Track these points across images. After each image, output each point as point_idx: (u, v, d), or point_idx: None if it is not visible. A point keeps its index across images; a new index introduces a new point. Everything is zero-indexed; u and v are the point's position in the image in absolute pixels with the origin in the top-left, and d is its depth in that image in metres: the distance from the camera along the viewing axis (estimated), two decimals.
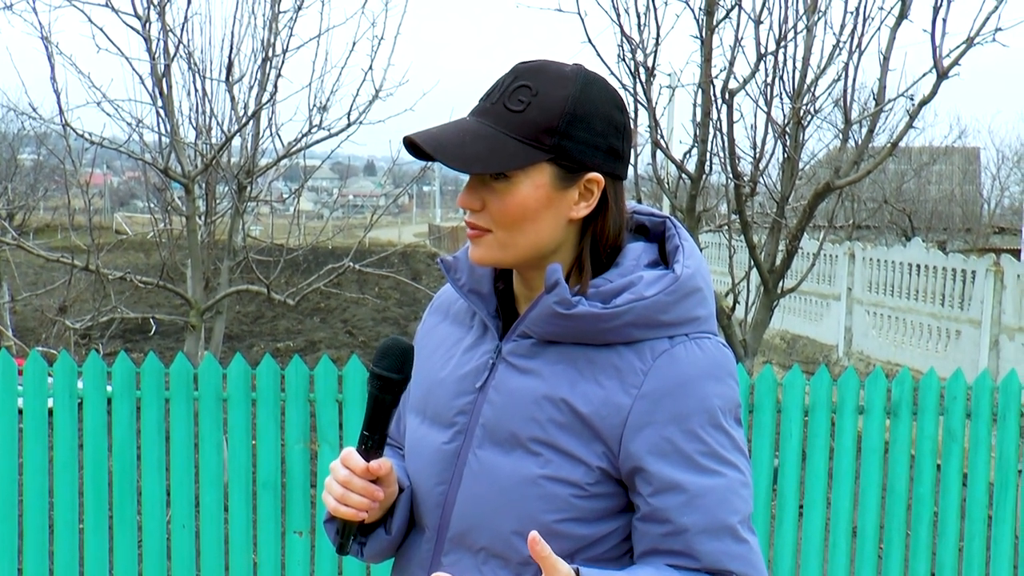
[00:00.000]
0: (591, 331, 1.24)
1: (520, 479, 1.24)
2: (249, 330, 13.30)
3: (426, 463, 1.34)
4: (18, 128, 13.90)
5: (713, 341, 1.27)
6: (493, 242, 1.26)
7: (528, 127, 1.21)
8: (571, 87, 1.23)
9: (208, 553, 4.06)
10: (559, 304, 1.23)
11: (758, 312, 5.88)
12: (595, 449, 1.23)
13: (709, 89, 5.24)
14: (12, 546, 4.01)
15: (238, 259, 6.58)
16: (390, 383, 1.27)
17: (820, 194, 5.49)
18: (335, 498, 1.28)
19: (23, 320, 11.65)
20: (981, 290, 10.39)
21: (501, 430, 1.27)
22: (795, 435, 4.12)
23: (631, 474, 1.24)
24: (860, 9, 5.20)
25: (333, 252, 12.83)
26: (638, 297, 1.23)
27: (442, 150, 1.21)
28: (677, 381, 1.22)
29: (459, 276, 1.35)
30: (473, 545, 1.28)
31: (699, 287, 1.28)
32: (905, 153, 17.37)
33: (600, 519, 1.26)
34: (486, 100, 1.25)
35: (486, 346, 1.33)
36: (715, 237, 11.08)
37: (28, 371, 3.93)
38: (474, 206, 1.26)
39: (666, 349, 1.24)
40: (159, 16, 5.71)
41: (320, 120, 6.02)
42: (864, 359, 11.91)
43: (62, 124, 5.59)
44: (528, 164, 1.22)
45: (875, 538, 4.18)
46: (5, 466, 3.98)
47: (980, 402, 4.17)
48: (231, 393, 3.99)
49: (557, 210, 1.25)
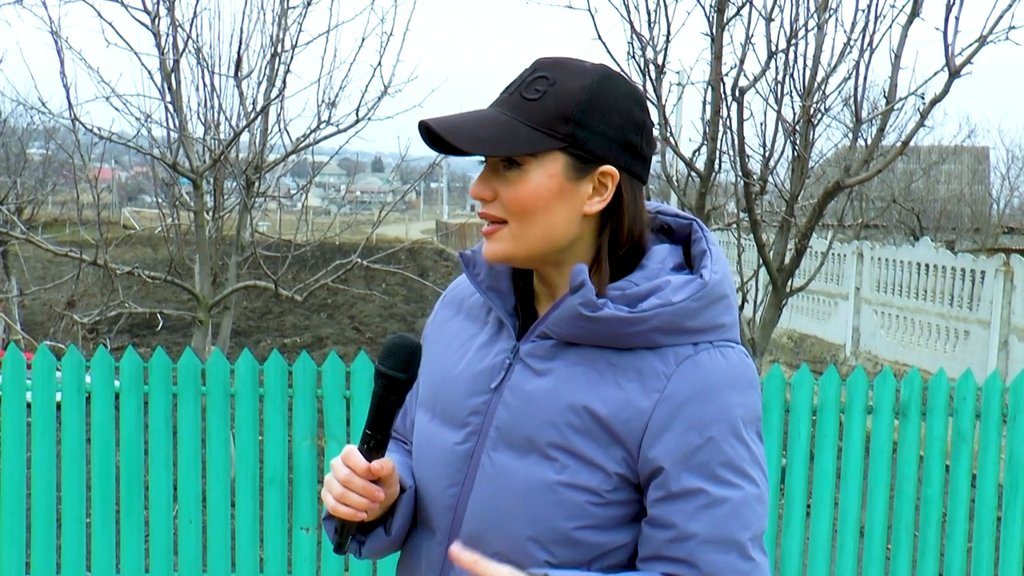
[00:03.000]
0: (615, 335, 1.21)
1: (535, 484, 1.22)
2: (256, 326, 13.32)
3: (437, 463, 1.31)
4: (27, 123, 13.94)
5: (737, 350, 1.24)
6: (507, 235, 1.24)
7: (543, 115, 1.20)
8: (589, 79, 1.22)
9: (215, 548, 4.06)
10: (584, 306, 1.20)
11: (766, 311, 5.86)
12: (614, 454, 1.21)
13: (719, 87, 5.22)
14: (20, 539, 4.02)
15: (246, 255, 6.58)
16: (395, 382, 1.24)
17: (830, 193, 5.47)
18: (335, 497, 1.26)
19: (31, 314, 11.70)
20: (990, 290, 10.34)
21: (516, 433, 1.24)
22: (803, 435, 4.11)
23: (648, 479, 1.21)
24: (871, 7, 5.18)
25: (340, 248, 12.82)
26: (665, 302, 1.20)
27: (455, 134, 1.20)
28: (700, 388, 1.20)
29: (478, 271, 1.32)
30: (486, 550, 1.24)
31: (726, 294, 1.25)
32: (914, 152, 17.30)
33: (617, 527, 1.23)
34: (505, 91, 1.25)
35: (502, 344, 1.30)
36: (724, 235, 11.04)
37: (37, 365, 3.94)
38: (486, 196, 1.24)
39: (690, 355, 1.21)
40: (168, 11, 5.71)
41: (328, 116, 6.01)
42: (872, 359, 11.88)
43: (71, 119, 5.59)
44: (540, 150, 1.20)
45: (883, 539, 4.17)
46: (14, 459, 3.99)
47: (990, 403, 4.15)
48: (239, 389, 3.99)
49: (570, 202, 1.22)
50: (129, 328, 11.22)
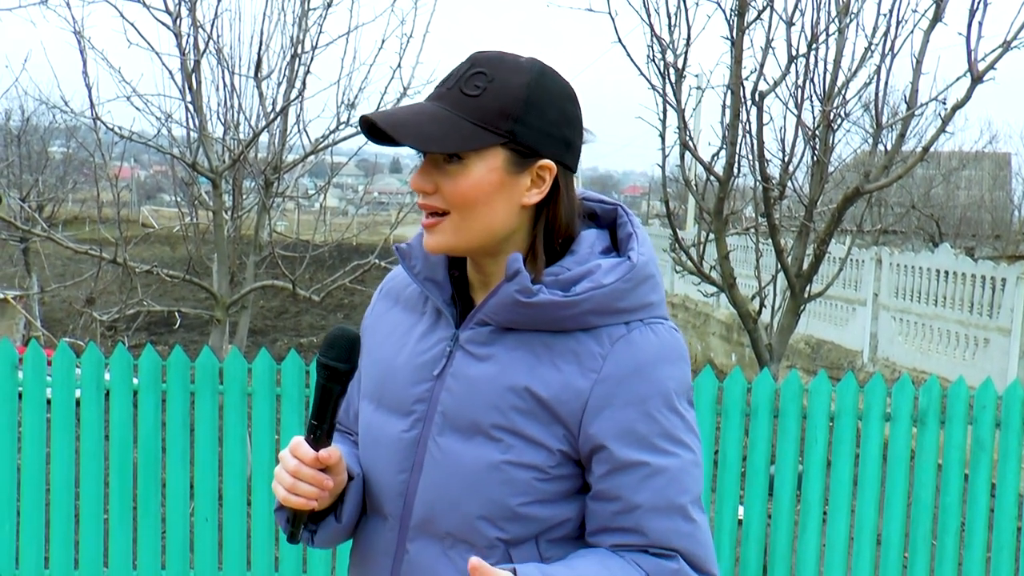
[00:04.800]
0: (551, 319, 1.26)
1: (482, 465, 1.26)
2: (273, 325, 13.37)
3: (385, 452, 1.34)
4: (49, 121, 14.06)
5: (666, 326, 1.30)
6: (448, 227, 1.27)
7: (484, 111, 1.24)
8: (526, 76, 1.26)
9: (230, 546, 4.08)
10: (520, 292, 1.25)
11: (784, 316, 5.83)
12: (555, 432, 1.26)
13: (739, 91, 5.20)
14: (39, 534, 4.05)
15: (264, 254, 6.61)
16: (338, 373, 1.28)
17: (849, 198, 5.43)
18: (285, 487, 1.29)
19: (51, 311, 11.79)
20: (1011, 298, 10.25)
21: (461, 417, 1.28)
22: (820, 441, 4.08)
23: (589, 455, 1.27)
24: (893, 11, 5.15)
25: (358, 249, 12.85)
26: (597, 285, 1.26)
27: (399, 129, 1.23)
28: (635, 365, 1.26)
29: (414, 263, 1.36)
30: (438, 531, 1.30)
31: (652, 274, 1.31)
32: (934, 158, 17.18)
33: (562, 500, 1.29)
34: (442, 86, 1.28)
35: (441, 333, 1.34)
36: (742, 240, 11.00)
37: (57, 362, 3.97)
38: (427, 188, 1.27)
39: (623, 335, 1.27)
40: (190, 12, 5.75)
41: (348, 117, 6.04)
42: (890, 365, 11.80)
43: (93, 118, 5.64)
44: (483, 146, 1.24)
45: (900, 547, 4.14)
46: (33, 455, 4.02)
47: (1011, 412, 4.11)
48: (256, 388, 4.01)
49: (509, 195, 1.27)
50: (147, 326, 11.29)
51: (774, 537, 4.13)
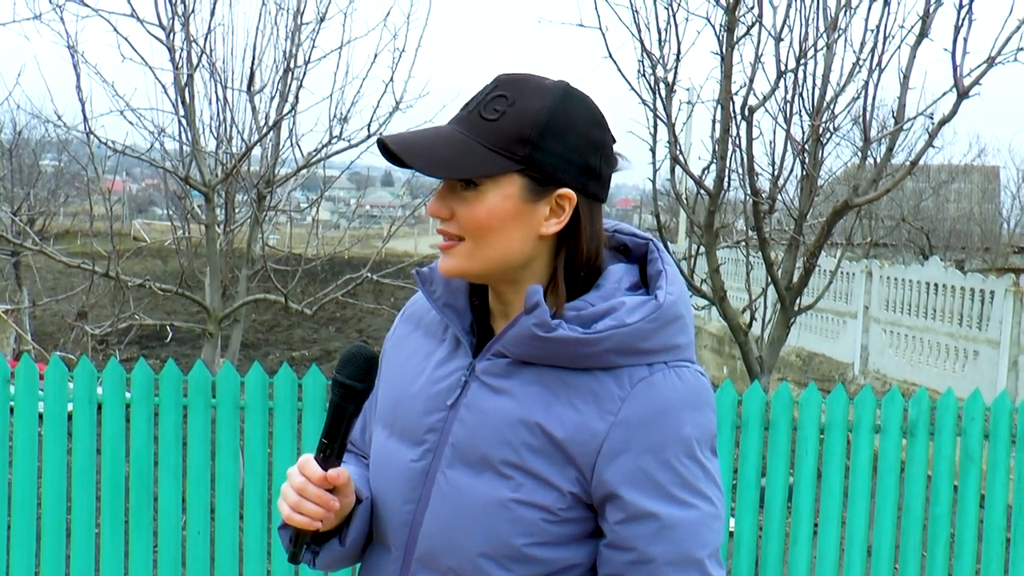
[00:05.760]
0: (570, 355, 1.21)
1: (490, 501, 1.22)
2: (265, 338, 13.35)
3: (393, 480, 1.31)
4: (41, 135, 14.03)
5: (691, 370, 1.25)
6: (462, 252, 1.23)
7: (500, 136, 1.19)
8: (548, 99, 1.21)
9: (223, 560, 4.07)
10: (538, 327, 1.20)
11: (775, 329, 5.87)
12: (568, 474, 1.21)
13: (729, 105, 5.25)
14: (30, 549, 4.04)
15: (256, 268, 6.62)
16: (353, 392, 1.25)
17: (839, 212, 5.48)
18: (290, 505, 1.25)
19: (42, 325, 11.75)
20: (1000, 310, 10.31)
21: (472, 451, 1.24)
22: (811, 453, 4.10)
23: (603, 500, 1.22)
24: (880, 27, 5.21)
25: (350, 262, 12.86)
26: (620, 324, 1.20)
27: (410, 152, 1.20)
28: (655, 410, 1.20)
29: (434, 289, 1.32)
30: (441, 566, 1.25)
31: (681, 314, 1.25)
32: (924, 171, 17.29)
33: (571, 543, 1.24)
34: (464, 108, 1.24)
35: (458, 362, 1.29)
36: (732, 253, 11.04)
37: (49, 376, 3.97)
38: (443, 214, 1.24)
39: (644, 377, 1.21)
40: (183, 26, 5.78)
41: (340, 131, 6.07)
42: (880, 378, 11.84)
43: (86, 132, 5.65)
44: (496, 172, 1.20)
45: (890, 558, 4.15)
46: (25, 469, 4.02)
47: (999, 423, 4.14)
48: (248, 401, 4.01)
49: (527, 224, 1.22)
50: (139, 340, 11.26)
51: (765, 549, 4.14)
